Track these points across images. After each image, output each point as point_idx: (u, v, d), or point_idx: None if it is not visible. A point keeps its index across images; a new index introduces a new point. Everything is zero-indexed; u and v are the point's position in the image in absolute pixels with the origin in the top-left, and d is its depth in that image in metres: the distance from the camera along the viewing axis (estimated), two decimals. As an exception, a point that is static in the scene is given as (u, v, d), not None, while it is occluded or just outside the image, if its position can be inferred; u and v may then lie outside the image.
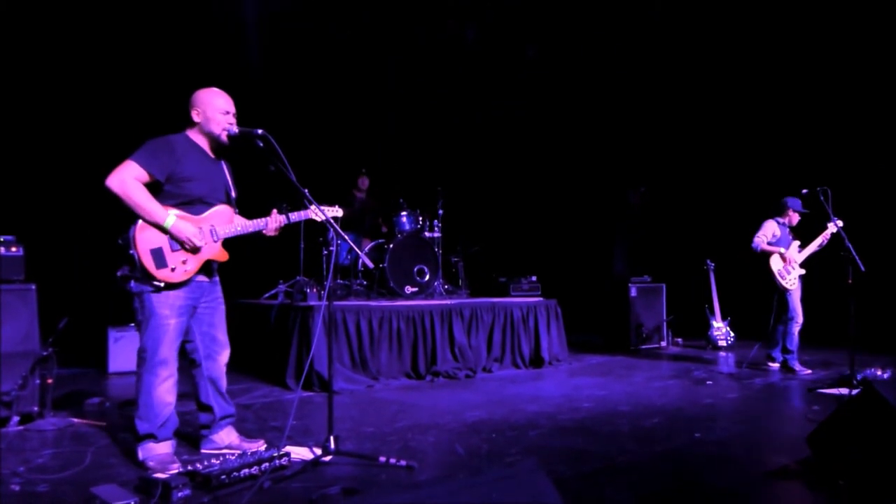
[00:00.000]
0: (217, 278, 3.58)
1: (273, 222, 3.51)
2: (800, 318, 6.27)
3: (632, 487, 3.01)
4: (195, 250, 3.28)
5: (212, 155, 3.49)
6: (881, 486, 2.76)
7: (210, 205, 3.39)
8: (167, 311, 3.24)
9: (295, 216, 3.57)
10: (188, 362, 3.50)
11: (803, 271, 6.32)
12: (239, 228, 3.45)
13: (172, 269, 3.22)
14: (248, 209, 3.65)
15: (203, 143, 3.45)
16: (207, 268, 3.43)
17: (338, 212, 3.80)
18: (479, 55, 9.31)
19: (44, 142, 6.97)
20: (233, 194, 3.55)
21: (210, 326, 3.50)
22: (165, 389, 3.26)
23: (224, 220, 3.43)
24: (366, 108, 9.12)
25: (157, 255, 3.18)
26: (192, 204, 3.32)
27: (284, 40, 8.13)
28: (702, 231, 9.55)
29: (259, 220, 3.49)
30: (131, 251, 3.15)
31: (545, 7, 8.81)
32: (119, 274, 3.26)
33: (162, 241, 3.20)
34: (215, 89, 3.47)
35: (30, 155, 6.89)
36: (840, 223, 5.71)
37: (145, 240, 3.17)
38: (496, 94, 9.79)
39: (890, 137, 8.19)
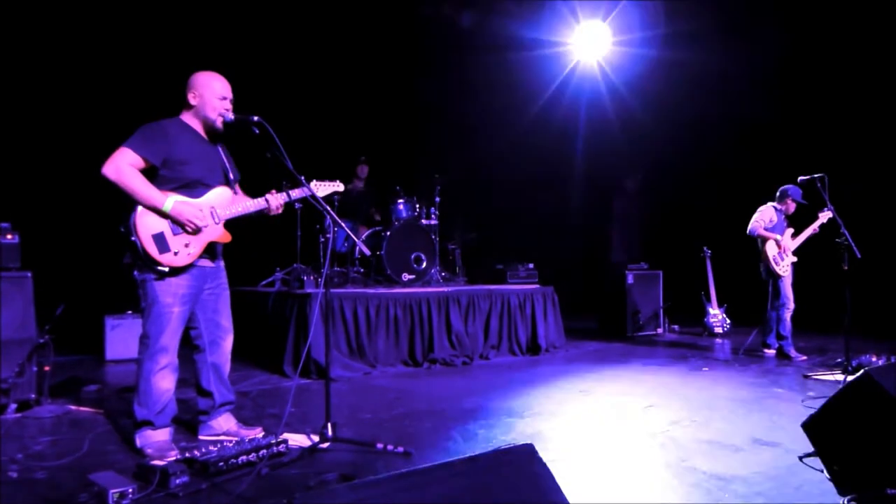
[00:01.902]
0: (221, 262, 3.56)
1: (274, 201, 3.49)
2: (791, 304, 6.32)
3: (626, 472, 3.03)
4: (197, 232, 3.27)
5: (206, 138, 3.46)
6: (876, 472, 2.78)
7: (209, 186, 3.37)
8: (170, 299, 3.24)
9: (296, 193, 3.55)
10: (191, 348, 3.50)
11: (795, 258, 6.35)
12: (240, 209, 3.43)
13: (175, 253, 3.21)
14: (249, 192, 3.62)
15: (197, 126, 3.43)
16: (211, 250, 3.42)
17: (339, 186, 3.79)
18: (474, 42, 9.27)
19: (40, 128, 6.93)
20: (232, 176, 3.52)
21: (214, 312, 3.50)
22: (164, 376, 3.26)
23: (224, 202, 3.41)
24: (364, 97, 9.07)
25: (159, 239, 3.18)
26: (191, 187, 3.30)
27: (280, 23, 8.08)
28: (699, 218, 9.55)
29: (260, 199, 3.48)
30: (133, 238, 3.13)
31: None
32: (125, 261, 3.25)
33: (163, 225, 3.19)
34: (214, 73, 3.43)
35: (26, 141, 6.85)
36: (830, 213, 5.71)
37: (146, 226, 3.15)
38: (493, 81, 9.74)
39: (887, 128, 8.18)
